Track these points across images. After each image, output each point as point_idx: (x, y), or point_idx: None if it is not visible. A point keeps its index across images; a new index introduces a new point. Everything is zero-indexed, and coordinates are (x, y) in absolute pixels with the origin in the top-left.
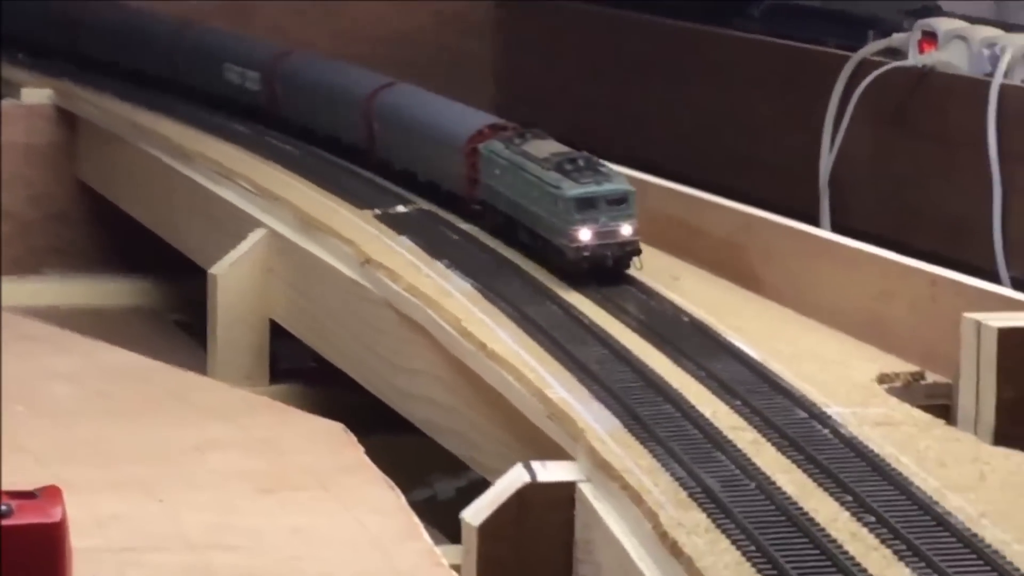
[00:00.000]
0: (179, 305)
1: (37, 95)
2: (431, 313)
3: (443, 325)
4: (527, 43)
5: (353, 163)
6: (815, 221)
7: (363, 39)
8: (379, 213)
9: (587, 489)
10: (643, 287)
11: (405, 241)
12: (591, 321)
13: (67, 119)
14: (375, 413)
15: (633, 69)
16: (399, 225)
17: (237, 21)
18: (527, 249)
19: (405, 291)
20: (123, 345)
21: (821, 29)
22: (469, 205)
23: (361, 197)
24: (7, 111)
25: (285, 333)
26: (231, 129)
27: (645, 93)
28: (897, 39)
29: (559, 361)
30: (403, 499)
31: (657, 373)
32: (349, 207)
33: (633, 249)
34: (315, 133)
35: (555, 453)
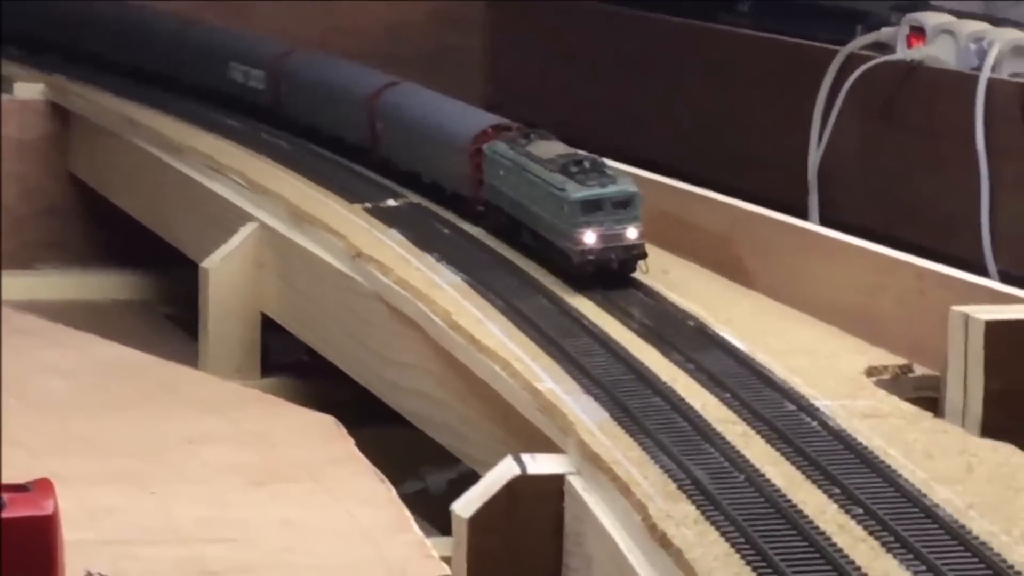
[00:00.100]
0: (171, 299)
1: (29, 90)
2: (421, 306)
3: (433, 318)
4: (519, 40)
5: (356, 163)
6: (804, 215)
7: (356, 35)
8: (370, 207)
9: (577, 481)
10: (633, 281)
11: (395, 234)
12: (581, 314)
13: (59, 114)
14: (366, 406)
15: (623, 65)
16: (389, 218)
17: (231, 17)
18: (531, 251)
19: (395, 284)
20: (115, 339)
21: (809, 24)
22: (473, 206)
23: (352, 191)
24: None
25: (277, 326)
26: (223, 123)
27: (635, 89)
28: (885, 34)
29: (549, 354)
30: (394, 491)
31: (647, 366)
32: (340, 201)
33: (639, 253)
34: (319, 132)
35: (545, 446)
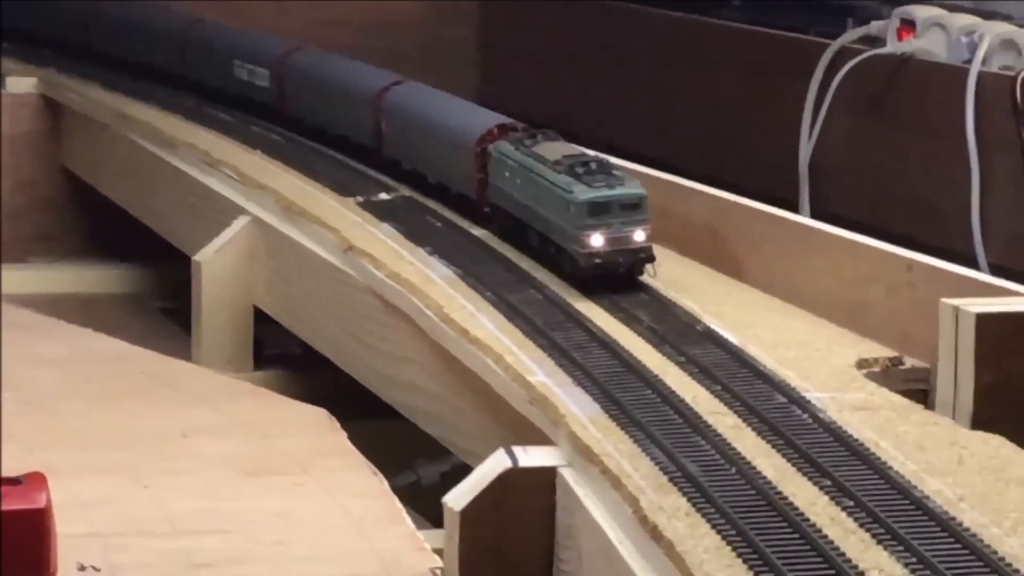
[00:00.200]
0: (164, 292)
1: (22, 84)
2: (414, 299)
3: (425, 311)
4: (513, 34)
5: (362, 163)
6: (794, 208)
7: (348, 28)
8: (362, 200)
9: (568, 474)
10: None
11: (388, 228)
12: (572, 307)
13: (52, 107)
14: (358, 399)
15: (615, 59)
16: (382, 212)
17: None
18: (537, 254)
19: (388, 278)
20: (108, 332)
21: (800, 18)
22: (478, 208)
23: (344, 184)
24: None
25: (269, 319)
26: (216, 117)
27: (627, 83)
28: (876, 27)
29: (540, 347)
30: (386, 484)
31: (638, 359)
32: (332, 195)
33: (647, 256)
34: (323, 132)
35: (536, 438)
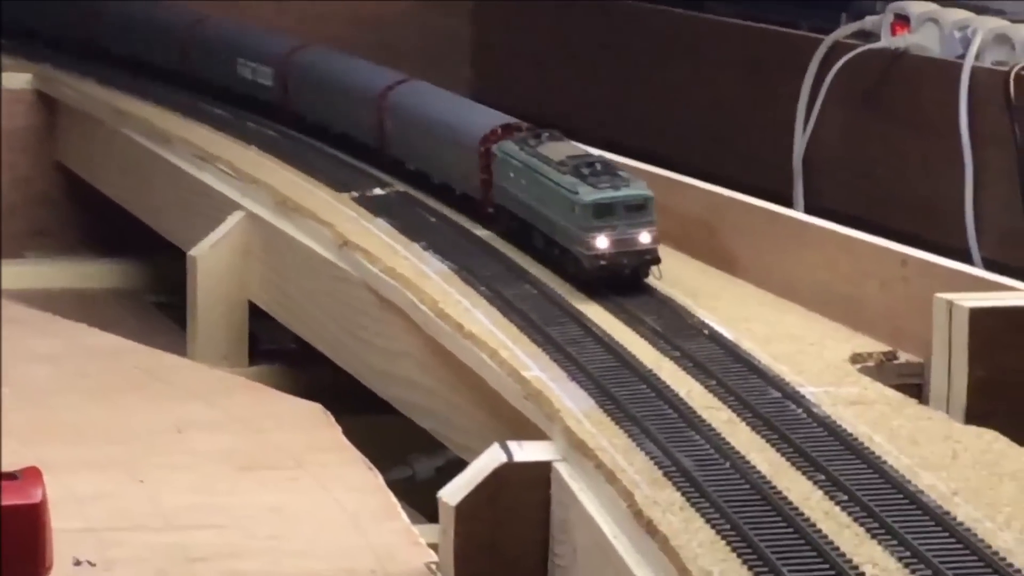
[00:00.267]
0: (159, 287)
1: (17, 79)
2: (409, 295)
3: (420, 306)
4: (507, 29)
5: (365, 162)
6: (789, 203)
7: (340, 21)
8: (356, 195)
9: (563, 468)
10: None
11: (382, 223)
12: (567, 302)
13: (47, 103)
14: (353, 394)
15: (609, 52)
16: (377, 207)
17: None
18: (542, 256)
19: (383, 273)
20: (104, 327)
21: (794, 12)
22: (483, 208)
23: (339, 179)
24: None
25: (264, 315)
26: (210, 112)
27: (621, 77)
28: (870, 22)
29: (535, 342)
30: (381, 479)
31: (632, 353)
32: (327, 190)
33: (652, 258)
34: (327, 130)
35: (531, 433)
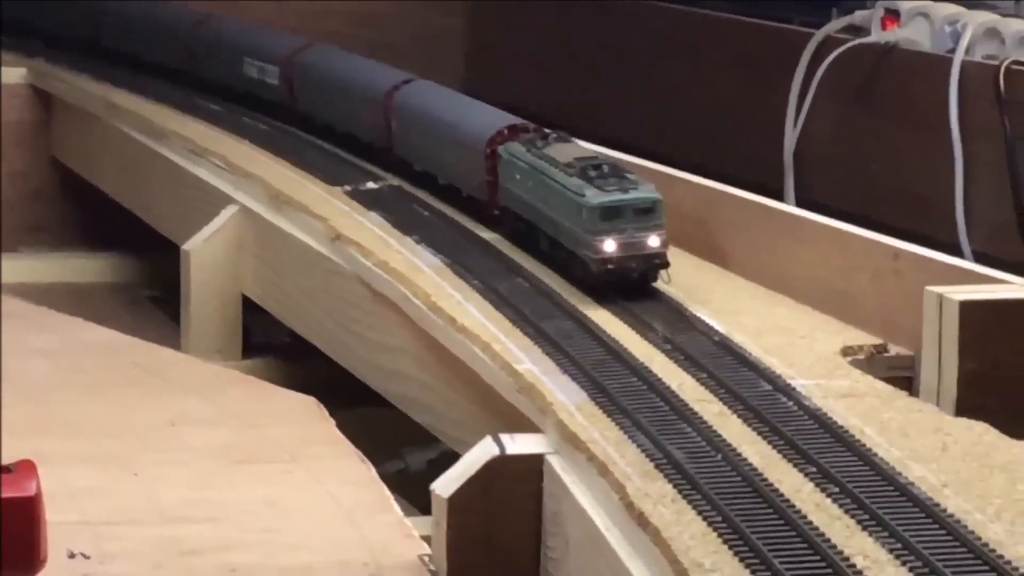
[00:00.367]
0: (153, 281)
1: (12, 74)
2: (402, 288)
3: (413, 300)
4: (498, 21)
5: (372, 163)
6: (780, 197)
7: (335, 16)
8: (349, 189)
9: (555, 461)
10: None
11: (375, 217)
12: (559, 296)
13: (42, 98)
14: (346, 387)
15: (601, 47)
16: (369, 201)
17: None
18: (548, 259)
19: (376, 266)
20: (98, 321)
21: (786, 7)
22: (489, 210)
23: (332, 173)
24: None
25: (258, 308)
26: (204, 108)
27: (612, 71)
28: (860, 16)
29: (528, 335)
30: (374, 471)
31: (624, 346)
32: (320, 184)
33: (661, 262)
34: (333, 130)
35: (524, 426)
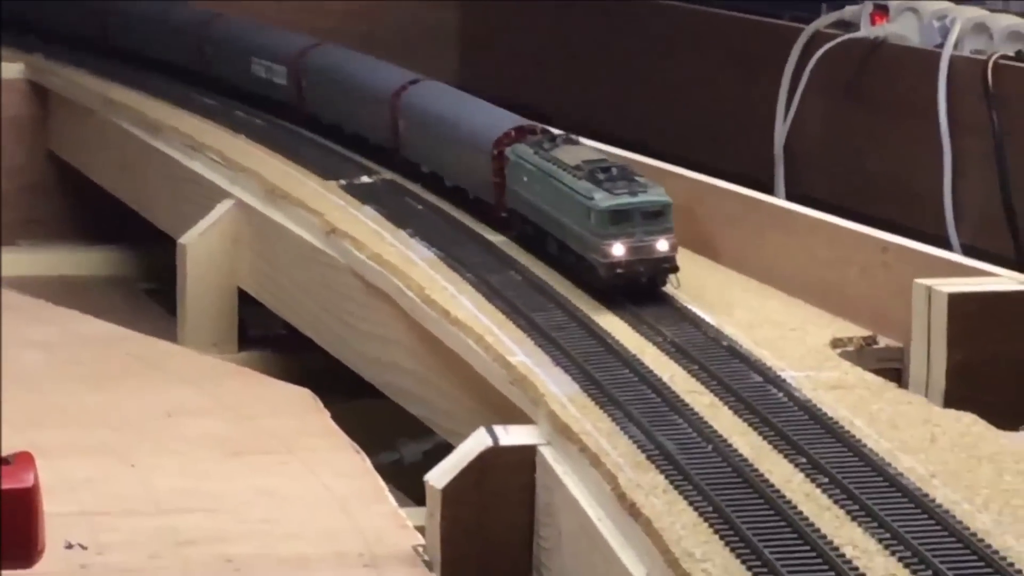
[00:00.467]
0: (150, 274)
1: (9, 69)
2: (396, 281)
3: (407, 293)
4: (492, 16)
5: (380, 163)
6: (770, 190)
7: (330, 12)
8: (344, 183)
9: (548, 452)
10: None
11: (370, 211)
12: (551, 288)
13: (39, 93)
14: (341, 379)
15: (592, 43)
16: (364, 195)
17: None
18: (556, 262)
19: (370, 259)
20: (95, 314)
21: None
22: (496, 212)
23: (327, 168)
24: None
25: (254, 301)
26: (200, 102)
27: (604, 66)
28: (849, 11)
29: (520, 327)
30: (368, 463)
31: (616, 338)
32: (315, 178)
33: (670, 266)
34: (341, 130)
35: (517, 417)
